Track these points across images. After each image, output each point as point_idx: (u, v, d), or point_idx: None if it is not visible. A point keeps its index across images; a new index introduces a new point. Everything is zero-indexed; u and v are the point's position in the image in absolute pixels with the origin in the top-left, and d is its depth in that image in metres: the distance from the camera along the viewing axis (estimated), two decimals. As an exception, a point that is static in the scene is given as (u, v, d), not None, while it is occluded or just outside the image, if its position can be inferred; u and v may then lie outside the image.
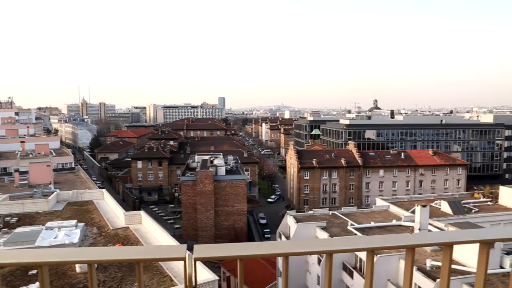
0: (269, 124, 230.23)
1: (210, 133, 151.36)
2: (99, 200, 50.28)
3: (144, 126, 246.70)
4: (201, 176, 69.98)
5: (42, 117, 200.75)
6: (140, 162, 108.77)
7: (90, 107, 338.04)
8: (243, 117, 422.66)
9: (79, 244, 34.34)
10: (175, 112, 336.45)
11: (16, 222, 41.45)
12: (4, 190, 59.17)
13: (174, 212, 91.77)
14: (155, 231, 36.86)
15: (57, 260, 1.71)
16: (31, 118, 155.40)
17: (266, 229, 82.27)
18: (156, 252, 1.87)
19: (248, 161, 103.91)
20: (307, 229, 45.37)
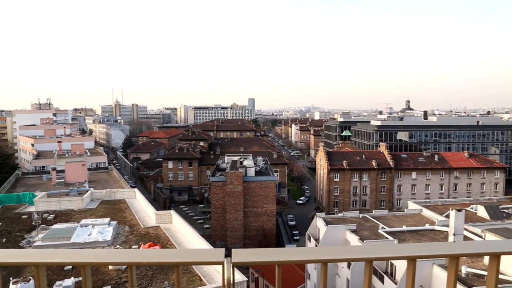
0: (299, 125, 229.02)
1: (239, 134, 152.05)
2: (131, 199, 51.37)
3: (175, 127, 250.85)
4: (230, 177, 70.35)
5: (77, 118, 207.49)
6: (171, 162, 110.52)
7: (123, 108, 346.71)
8: (272, 118, 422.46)
9: (112, 241, 35.18)
10: (205, 113, 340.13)
11: (53, 219, 42.94)
12: (42, 188, 61.51)
13: (204, 212, 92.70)
14: (185, 230, 37.29)
15: (99, 261, 1.74)
16: (67, 119, 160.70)
17: (295, 230, 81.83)
18: (195, 255, 1.84)
19: (277, 162, 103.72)
20: (337, 232, 44.76)
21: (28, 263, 1.67)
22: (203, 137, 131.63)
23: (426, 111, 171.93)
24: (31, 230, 39.09)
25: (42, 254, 1.71)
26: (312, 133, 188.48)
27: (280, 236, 79.95)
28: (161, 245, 33.49)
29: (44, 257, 1.72)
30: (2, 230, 39.54)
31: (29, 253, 1.76)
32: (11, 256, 1.70)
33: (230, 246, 70.59)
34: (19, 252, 1.75)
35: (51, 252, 1.75)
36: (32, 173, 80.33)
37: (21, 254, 1.73)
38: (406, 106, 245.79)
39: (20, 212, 46.13)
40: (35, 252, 1.73)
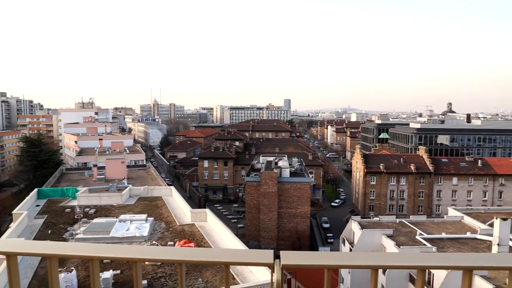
0: (335, 126, 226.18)
1: (275, 134, 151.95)
2: (167, 196, 52.43)
3: (211, 126, 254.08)
4: (265, 177, 70.40)
5: (118, 117, 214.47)
6: (206, 162, 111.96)
7: (161, 107, 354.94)
8: (308, 119, 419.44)
9: (148, 237, 36.07)
10: (241, 113, 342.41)
11: (93, 213, 44.53)
12: (84, 183, 63.90)
13: (238, 212, 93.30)
14: (219, 229, 37.66)
15: (150, 258, 1.76)
16: (108, 117, 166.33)
17: (329, 233, 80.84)
18: (244, 256, 1.85)
19: (312, 164, 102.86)
20: (373, 237, 43.87)
21: (84, 256, 1.71)
22: (238, 137, 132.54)
23: (469, 114, 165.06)
24: (73, 223, 40.74)
25: (97, 249, 1.76)
26: (348, 135, 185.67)
27: (314, 238, 79.22)
28: (195, 243, 34.01)
29: (99, 251, 1.76)
30: (48, 222, 41.44)
31: (85, 247, 1.78)
32: (69, 249, 1.77)
33: (264, 246, 70.67)
34: (76, 246, 1.82)
35: (106, 247, 1.79)
36: (75, 169, 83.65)
37: (78, 248, 1.79)
38: (448, 108, 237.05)
39: (64, 205, 48.14)
40: (91, 247, 1.79)
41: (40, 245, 1.79)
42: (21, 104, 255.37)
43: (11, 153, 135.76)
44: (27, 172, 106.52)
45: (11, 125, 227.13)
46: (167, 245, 34.10)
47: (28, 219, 41.45)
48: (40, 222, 41.50)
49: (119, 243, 34.37)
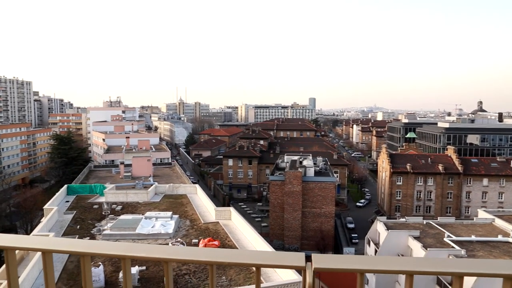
0: (361, 126, 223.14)
1: (299, 133, 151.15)
2: (192, 194, 52.94)
3: (235, 125, 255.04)
4: (289, 176, 70.14)
5: (144, 115, 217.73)
6: (231, 160, 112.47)
7: (186, 106, 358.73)
8: (333, 118, 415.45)
9: (173, 234, 36.50)
10: (265, 112, 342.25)
11: (120, 210, 45.44)
12: (111, 180, 65.27)
13: (262, 211, 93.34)
14: (243, 228, 37.74)
15: (182, 258, 1.76)
16: (135, 116, 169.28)
17: (353, 233, 79.86)
18: (276, 258, 1.80)
19: (337, 163, 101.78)
20: (399, 238, 43.06)
21: (117, 255, 1.72)
22: (263, 136, 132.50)
23: (501, 113, 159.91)
24: (101, 219, 41.68)
25: (129, 248, 1.76)
26: (374, 134, 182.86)
27: (338, 238, 78.43)
28: (220, 241, 34.19)
29: (131, 251, 1.77)
30: (77, 218, 42.57)
31: (118, 246, 1.81)
32: (102, 248, 1.77)
33: (287, 245, 70.48)
34: (109, 244, 1.81)
35: (138, 246, 1.81)
36: (103, 166, 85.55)
37: (110, 247, 1.79)
38: (478, 107, 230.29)
39: (92, 202, 49.32)
40: (123, 246, 1.79)
41: (74, 243, 1.81)
42: (52, 103, 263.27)
43: (42, 150, 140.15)
44: (57, 168, 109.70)
45: (42, 123, 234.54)
46: (191, 242, 34.43)
47: (58, 214, 42.69)
48: (69, 217, 42.67)
49: (145, 240, 34.98)
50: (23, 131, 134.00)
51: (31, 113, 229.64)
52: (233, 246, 33.95)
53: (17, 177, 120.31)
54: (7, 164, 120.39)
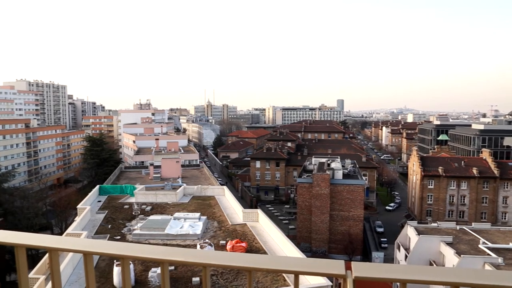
0: (390, 127, 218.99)
1: (327, 135, 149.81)
2: (220, 196, 53.24)
3: (263, 127, 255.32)
4: (317, 179, 69.55)
5: (173, 117, 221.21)
6: (258, 162, 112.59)
7: (214, 108, 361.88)
8: (362, 120, 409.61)
9: (201, 235, 36.81)
10: (293, 114, 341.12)
11: (150, 210, 46.21)
12: (141, 181, 66.50)
13: (289, 213, 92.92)
14: (271, 230, 37.65)
15: (221, 264, 1.78)
16: (164, 118, 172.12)
17: (383, 238, 78.31)
18: (315, 266, 1.76)
19: (366, 166, 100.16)
20: (430, 243, 41.88)
21: (156, 259, 1.74)
22: (290, 138, 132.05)
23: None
24: (131, 219, 42.53)
25: (167, 252, 1.77)
26: (404, 136, 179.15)
27: (367, 242, 77.12)
28: (247, 243, 34.23)
29: (169, 255, 1.79)
30: (108, 217, 43.61)
31: (157, 250, 1.83)
32: (141, 251, 1.80)
33: (315, 248, 69.86)
34: (148, 248, 1.84)
35: (177, 250, 1.82)
36: (133, 167, 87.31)
37: (149, 250, 1.82)
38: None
39: (123, 202, 50.40)
40: (162, 249, 1.81)
41: (115, 245, 1.84)
42: (86, 105, 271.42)
43: (76, 151, 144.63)
44: (90, 169, 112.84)
45: (76, 125, 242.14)
46: (219, 244, 34.61)
47: (91, 213, 43.85)
48: (101, 217, 43.75)
49: (173, 240, 35.44)
50: (59, 133, 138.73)
51: (66, 116, 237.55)
52: (260, 248, 33.93)
53: (52, 177, 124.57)
54: (44, 165, 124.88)
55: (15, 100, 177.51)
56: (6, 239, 1.83)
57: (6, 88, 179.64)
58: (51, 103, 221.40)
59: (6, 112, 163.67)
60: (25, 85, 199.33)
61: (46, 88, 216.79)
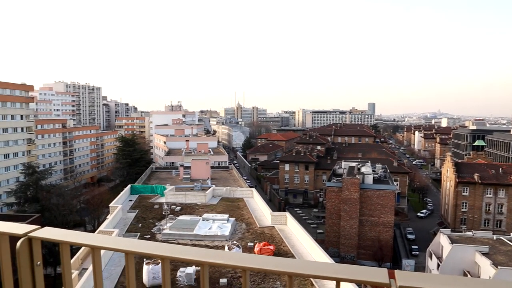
0: (423, 132, 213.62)
1: (358, 139, 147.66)
2: (248, 198, 53.36)
3: (292, 130, 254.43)
4: (347, 183, 68.63)
5: (203, 119, 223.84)
6: (287, 165, 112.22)
7: (244, 111, 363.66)
8: (393, 124, 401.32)
9: (229, 237, 36.99)
10: (323, 117, 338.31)
11: (179, 211, 46.87)
12: (171, 182, 67.55)
13: (318, 217, 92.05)
14: (299, 233, 37.41)
15: (260, 267, 1.75)
16: (194, 120, 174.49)
17: (414, 245, 76.29)
18: (358, 273, 1.72)
19: (397, 171, 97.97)
20: (464, 253, 40.47)
21: (195, 261, 1.74)
22: (320, 141, 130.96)
23: None
24: (161, 219, 43.25)
25: (208, 254, 1.78)
26: (438, 141, 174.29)
27: (397, 249, 75.36)
28: (275, 246, 34.14)
29: (209, 257, 1.78)
30: (139, 216, 44.54)
31: (197, 252, 1.82)
32: (181, 252, 1.82)
33: (343, 254, 68.87)
34: (188, 249, 1.86)
35: (217, 253, 1.81)
36: (164, 168, 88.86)
37: (189, 252, 1.83)
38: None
39: (153, 202, 51.35)
40: (202, 252, 1.82)
41: (156, 246, 1.86)
42: (119, 107, 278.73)
43: (109, 151, 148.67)
44: (122, 169, 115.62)
45: (110, 125, 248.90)
46: (247, 246, 34.67)
47: (122, 212, 44.91)
48: (132, 216, 44.72)
49: (202, 241, 35.77)
50: (93, 133, 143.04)
51: (100, 116, 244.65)
52: (288, 251, 33.76)
53: (86, 175, 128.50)
54: (79, 164, 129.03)
55: (53, 101, 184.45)
56: (52, 235, 1.88)
57: (45, 90, 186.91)
58: (87, 104, 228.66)
59: (45, 112, 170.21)
60: (62, 87, 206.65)
61: (82, 90, 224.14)
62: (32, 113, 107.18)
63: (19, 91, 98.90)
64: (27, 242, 1.86)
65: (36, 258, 1.89)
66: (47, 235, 1.88)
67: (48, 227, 1.96)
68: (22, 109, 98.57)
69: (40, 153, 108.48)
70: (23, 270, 1.86)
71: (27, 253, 1.86)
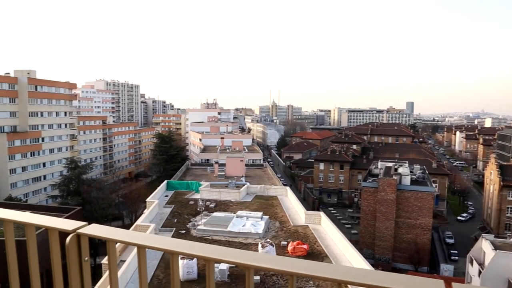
0: (465, 132, 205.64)
1: (395, 139, 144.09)
2: (282, 196, 53.23)
3: (328, 128, 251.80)
4: (383, 184, 67.16)
5: (238, 117, 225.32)
6: (322, 164, 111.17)
7: (279, 109, 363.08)
8: (433, 124, 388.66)
9: (263, 235, 37.06)
10: (359, 116, 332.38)
11: (213, 207, 47.41)
12: (206, 178, 68.41)
13: (352, 217, 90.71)
14: (333, 233, 36.99)
15: (309, 274, 1.70)
16: (229, 117, 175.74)
17: (453, 250, 73.65)
18: (412, 284, 1.61)
19: (437, 173, 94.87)
20: (509, 260, 38.67)
21: (242, 264, 1.74)
22: (356, 141, 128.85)
23: None
24: (196, 215, 43.90)
25: (254, 257, 1.75)
26: (481, 142, 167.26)
27: (435, 253, 73.01)
28: (308, 245, 33.91)
29: (257, 260, 1.76)
30: (174, 212, 45.44)
31: (241, 255, 1.81)
32: (226, 254, 1.82)
33: (378, 256, 67.52)
34: (233, 252, 1.85)
35: (264, 256, 1.79)
36: (199, 165, 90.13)
37: (234, 254, 1.82)
38: None
39: (188, 198, 52.24)
40: (248, 254, 1.80)
41: (201, 248, 1.86)
42: (156, 104, 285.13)
43: (146, 147, 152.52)
44: (158, 165, 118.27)
45: (147, 122, 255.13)
46: (280, 244, 34.61)
47: (159, 207, 45.94)
48: (168, 211, 45.68)
49: (236, 237, 36.04)
50: (131, 129, 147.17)
51: (138, 114, 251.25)
52: (321, 251, 33.45)
53: (125, 171, 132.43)
54: (117, 159, 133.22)
55: (94, 98, 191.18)
56: (100, 232, 1.92)
57: (87, 88, 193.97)
58: (125, 101, 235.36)
59: (87, 109, 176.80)
60: (103, 85, 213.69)
61: (121, 87, 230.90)
62: (75, 110, 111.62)
63: (64, 89, 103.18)
64: (75, 238, 1.91)
65: (84, 254, 1.94)
66: (95, 232, 1.93)
67: (95, 224, 2.01)
68: (66, 106, 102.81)
69: (82, 148, 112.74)
70: (72, 265, 1.91)
71: (75, 249, 1.91)
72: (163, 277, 27.79)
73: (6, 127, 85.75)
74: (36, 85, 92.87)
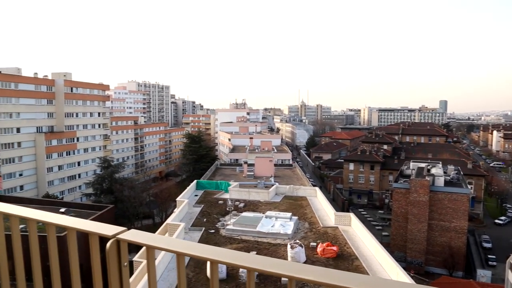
0: (503, 132, 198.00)
1: (428, 139, 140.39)
2: (312, 197, 52.77)
3: (357, 128, 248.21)
4: (415, 185, 65.51)
5: (267, 117, 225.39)
6: (352, 164, 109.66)
7: (308, 108, 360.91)
8: (468, 123, 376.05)
9: (292, 235, 36.86)
10: (390, 115, 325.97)
11: (242, 207, 47.54)
12: (235, 178, 68.67)
13: (383, 219, 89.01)
14: (363, 235, 36.36)
15: (338, 284, 1.64)
16: (258, 117, 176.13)
17: (490, 254, 70.98)
18: None
19: (472, 173, 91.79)
20: (550, 265, 36.90)
21: (284, 275, 1.70)
22: (387, 141, 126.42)
23: None
24: (225, 214, 44.17)
25: (295, 268, 1.72)
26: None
27: (471, 257, 70.57)
28: (338, 247, 33.48)
29: (298, 272, 1.73)
30: (204, 211, 45.86)
31: (283, 265, 1.78)
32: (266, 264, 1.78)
33: (410, 259, 65.97)
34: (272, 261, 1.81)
35: (304, 267, 1.75)
36: (228, 165, 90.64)
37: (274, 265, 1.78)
38: None
39: (218, 197, 52.60)
40: (288, 265, 1.76)
41: (242, 257, 1.83)
42: (186, 104, 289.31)
43: (176, 147, 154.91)
44: (188, 164, 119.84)
45: (177, 122, 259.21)
46: (309, 245, 34.30)
47: (188, 206, 46.49)
48: (197, 210, 46.14)
49: (264, 238, 36.01)
50: (162, 129, 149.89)
51: (168, 114, 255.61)
52: (352, 253, 32.95)
53: (155, 170, 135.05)
54: (148, 159, 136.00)
55: (126, 99, 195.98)
56: (139, 239, 1.92)
57: (119, 89, 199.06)
58: (156, 102, 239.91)
59: (119, 110, 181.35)
60: (135, 86, 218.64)
61: (152, 88, 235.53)
62: (108, 110, 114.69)
63: (97, 91, 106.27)
64: (115, 243, 1.92)
65: (123, 259, 1.95)
66: (134, 238, 1.93)
67: (134, 230, 2.02)
68: (99, 107, 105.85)
69: (115, 148, 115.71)
70: (111, 270, 1.92)
71: (115, 254, 1.92)
72: (192, 276, 28.07)
73: (44, 127, 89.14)
74: (72, 87, 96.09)
